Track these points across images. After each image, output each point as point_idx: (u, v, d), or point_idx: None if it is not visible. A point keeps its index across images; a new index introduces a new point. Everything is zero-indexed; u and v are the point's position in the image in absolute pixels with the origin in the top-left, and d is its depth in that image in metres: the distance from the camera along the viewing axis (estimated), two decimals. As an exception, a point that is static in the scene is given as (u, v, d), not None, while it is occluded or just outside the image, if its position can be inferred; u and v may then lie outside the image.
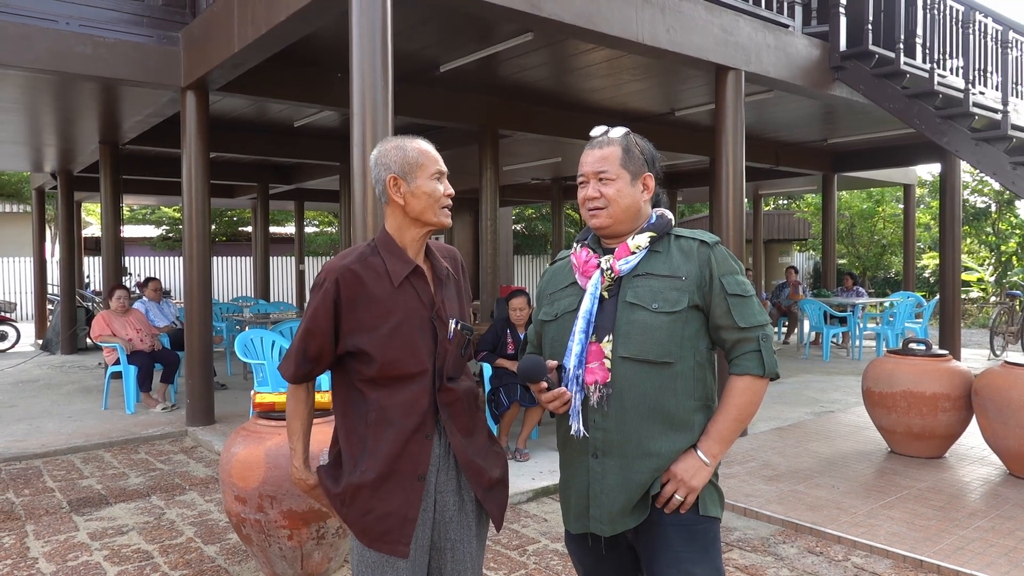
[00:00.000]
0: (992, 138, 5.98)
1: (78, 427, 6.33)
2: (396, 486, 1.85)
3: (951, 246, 9.99)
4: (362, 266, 1.87)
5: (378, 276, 1.87)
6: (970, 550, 3.58)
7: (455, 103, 7.72)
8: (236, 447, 3.25)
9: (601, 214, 1.84)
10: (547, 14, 4.62)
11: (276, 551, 3.20)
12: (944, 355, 5.29)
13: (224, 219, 23.23)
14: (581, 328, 1.81)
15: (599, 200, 1.84)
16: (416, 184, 1.88)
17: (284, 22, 4.67)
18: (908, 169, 13.55)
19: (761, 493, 4.48)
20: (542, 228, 24.08)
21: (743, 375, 1.80)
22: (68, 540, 3.92)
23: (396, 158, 1.90)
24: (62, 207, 11.77)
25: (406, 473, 1.85)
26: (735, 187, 5.93)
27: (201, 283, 6.35)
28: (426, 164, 1.89)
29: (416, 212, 1.89)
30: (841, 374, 9.10)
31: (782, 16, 6.28)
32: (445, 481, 1.92)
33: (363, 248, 1.93)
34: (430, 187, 1.88)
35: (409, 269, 1.89)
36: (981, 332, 14.37)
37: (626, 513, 1.79)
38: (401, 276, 1.87)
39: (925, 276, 19.07)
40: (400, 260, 1.89)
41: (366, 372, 1.86)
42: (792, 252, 21.44)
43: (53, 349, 11.54)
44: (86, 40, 5.79)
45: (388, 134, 3.93)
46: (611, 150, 1.85)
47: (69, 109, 7.58)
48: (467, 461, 1.92)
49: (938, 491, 4.50)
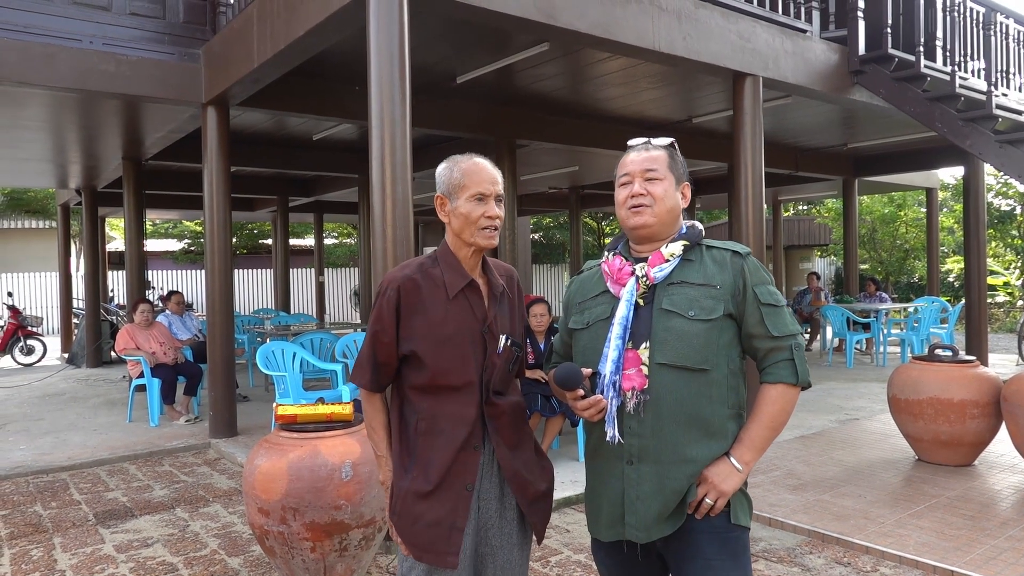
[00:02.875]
0: (1016, 140, 5.89)
1: (103, 440, 6.40)
2: (446, 496, 1.88)
3: (976, 250, 9.85)
4: (422, 276, 1.94)
5: (435, 287, 1.93)
6: (1002, 560, 3.51)
7: (472, 114, 7.75)
8: (259, 459, 3.26)
9: (646, 212, 1.85)
10: (563, 24, 4.63)
11: (299, 563, 3.21)
12: (971, 361, 5.20)
13: (245, 232, 23.45)
14: (618, 334, 1.81)
15: (645, 198, 1.85)
16: (456, 204, 1.93)
17: (302, 37, 4.73)
18: (930, 173, 13.36)
19: (786, 503, 4.42)
20: (560, 237, 24.04)
21: (776, 383, 1.81)
22: (95, 552, 3.96)
23: (444, 177, 1.96)
24: (87, 222, 11.96)
25: (455, 483, 1.89)
26: (754, 193, 5.89)
27: (223, 296, 6.41)
28: (468, 185, 1.92)
29: (456, 231, 1.95)
30: (865, 381, 8.99)
31: (799, 21, 6.24)
32: (488, 488, 1.95)
33: (423, 259, 1.99)
34: (467, 208, 1.91)
35: (465, 282, 1.94)
36: (1008, 337, 14.13)
37: (662, 520, 1.78)
38: (457, 288, 1.93)
39: (949, 280, 18.80)
40: (457, 273, 1.95)
41: (417, 379, 1.92)
42: (813, 258, 21.20)
43: (79, 363, 11.69)
44: (109, 58, 5.90)
45: (406, 146, 3.96)
46: (658, 153, 1.90)
47: (93, 126, 7.70)
48: (513, 473, 1.95)
49: (968, 500, 4.42)
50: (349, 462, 3.19)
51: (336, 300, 22.53)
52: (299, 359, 6.43)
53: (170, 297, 8.55)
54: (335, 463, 3.17)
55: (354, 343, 6.85)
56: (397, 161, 3.93)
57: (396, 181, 3.93)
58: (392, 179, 3.92)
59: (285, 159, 10.18)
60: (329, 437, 3.26)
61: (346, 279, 22.88)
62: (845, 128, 10.02)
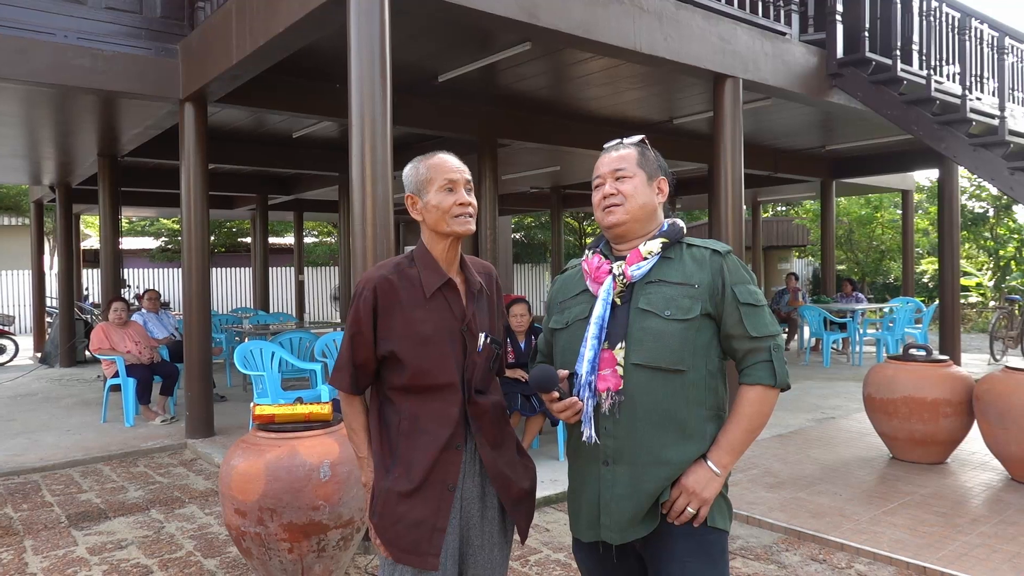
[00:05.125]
0: (990, 143, 5.99)
1: (77, 440, 6.31)
2: (428, 496, 1.87)
3: (950, 251, 10.00)
4: (398, 276, 1.93)
5: (412, 286, 1.92)
6: (973, 556, 3.57)
7: (454, 113, 7.73)
8: (236, 460, 3.23)
9: (617, 210, 1.85)
10: (545, 24, 4.63)
11: (276, 564, 3.18)
12: (945, 360, 5.29)
13: (223, 230, 23.22)
14: (594, 334, 1.80)
15: (616, 197, 1.85)
16: (427, 199, 1.93)
17: (282, 34, 4.69)
18: (906, 175, 13.56)
19: (763, 501, 4.46)
20: (541, 237, 24.08)
21: (754, 385, 1.79)
22: (67, 555, 3.90)
23: (411, 177, 1.96)
24: (61, 220, 11.77)
25: (437, 483, 1.88)
26: (734, 194, 5.94)
27: (200, 294, 6.34)
28: (434, 178, 1.92)
29: (432, 225, 1.94)
30: (842, 380, 9.09)
31: (779, 24, 6.30)
32: (470, 488, 1.94)
33: (400, 259, 1.98)
34: (438, 199, 1.91)
35: (442, 281, 1.93)
36: (981, 337, 14.36)
37: (636, 522, 1.78)
38: (433, 287, 1.92)
39: (924, 281, 19.08)
40: (434, 272, 1.93)
41: (398, 380, 1.91)
42: (791, 258, 21.44)
43: (52, 362, 11.51)
44: (84, 53, 5.80)
45: (387, 144, 3.94)
46: (627, 151, 1.90)
47: (68, 122, 7.59)
48: (496, 473, 1.94)
49: (941, 497, 4.49)
50: (327, 462, 3.17)
51: (316, 299, 22.38)
52: (278, 358, 6.38)
53: (146, 295, 8.45)
54: (313, 463, 3.15)
55: (334, 342, 6.81)
56: (378, 160, 3.91)
57: (376, 180, 3.91)
58: (372, 178, 3.90)
59: (265, 157, 10.10)
60: (307, 437, 3.24)
61: (326, 278, 22.75)
62: (823, 130, 10.13)
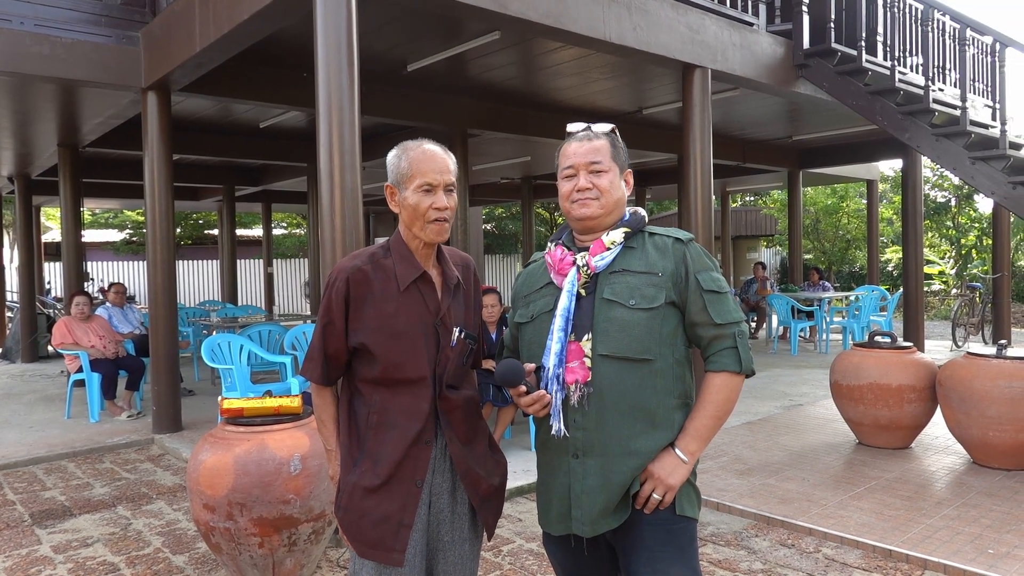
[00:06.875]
0: (952, 134, 6.10)
1: (40, 437, 6.17)
2: (395, 491, 1.84)
3: (913, 240, 10.19)
4: (372, 267, 1.87)
5: (387, 278, 1.86)
6: (937, 539, 3.65)
7: (423, 103, 7.67)
8: (204, 454, 3.18)
9: (593, 204, 1.82)
10: (514, 13, 4.60)
11: (247, 559, 3.14)
12: (909, 347, 5.39)
13: (189, 222, 22.83)
14: (560, 326, 1.79)
15: (592, 191, 1.82)
16: (405, 195, 1.86)
17: (247, 21, 4.60)
18: (871, 165, 13.80)
19: (733, 487, 4.52)
20: (512, 227, 24.07)
21: (720, 372, 1.79)
22: (30, 554, 3.81)
23: (393, 166, 1.88)
24: (20, 212, 11.47)
25: (405, 479, 1.84)
26: (703, 184, 5.98)
27: (166, 287, 6.23)
28: (415, 175, 1.84)
29: (406, 222, 1.88)
30: (809, 367, 9.24)
31: (747, 14, 6.34)
32: (440, 483, 1.91)
33: (375, 249, 1.92)
34: (414, 200, 1.84)
35: (416, 274, 1.87)
36: (943, 324, 14.70)
37: (608, 514, 1.78)
38: (408, 280, 1.86)
39: (888, 270, 19.46)
40: (409, 264, 1.88)
41: (368, 373, 1.87)
42: (760, 248, 21.72)
43: (13, 357, 11.25)
44: (43, 40, 5.64)
45: (355, 134, 3.89)
46: (601, 143, 1.85)
47: (26, 111, 7.38)
48: (466, 469, 1.91)
49: (905, 481, 4.58)
50: (298, 455, 3.14)
51: (286, 291, 22.14)
52: (247, 351, 6.30)
53: (110, 289, 8.28)
54: (283, 457, 3.11)
55: (303, 335, 6.74)
56: (346, 149, 3.86)
57: (345, 170, 3.86)
58: (341, 168, 3.86)
59: (231, 147, 9.93)
60: (277, 431, 3.20)
61: (296, 270, 22.51)
62: (790, 121, 10.25)
